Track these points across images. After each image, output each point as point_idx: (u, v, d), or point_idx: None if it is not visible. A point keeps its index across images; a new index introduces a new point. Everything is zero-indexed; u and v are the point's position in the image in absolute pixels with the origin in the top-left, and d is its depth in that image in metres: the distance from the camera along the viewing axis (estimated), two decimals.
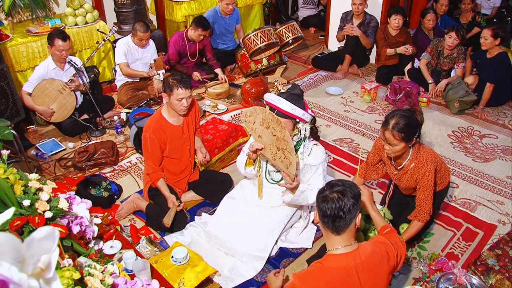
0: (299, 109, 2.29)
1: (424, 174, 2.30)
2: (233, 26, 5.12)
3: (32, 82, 3.62)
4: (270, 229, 2.52)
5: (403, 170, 2.40)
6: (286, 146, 2.15)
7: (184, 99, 2.60)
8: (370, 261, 1.63)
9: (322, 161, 2.42)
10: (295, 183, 2.26)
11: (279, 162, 2.25)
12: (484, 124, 4.08)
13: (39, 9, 4.17)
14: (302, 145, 2.42)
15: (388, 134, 2.21)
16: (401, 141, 2.20)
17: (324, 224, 1.64)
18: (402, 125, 2.17)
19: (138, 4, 4.87)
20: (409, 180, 2.40)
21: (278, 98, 2.29)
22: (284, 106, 2.27)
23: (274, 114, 2.20)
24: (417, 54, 4.76)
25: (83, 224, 1.62)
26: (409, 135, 2.21)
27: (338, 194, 1.60)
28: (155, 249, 2.56)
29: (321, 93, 4.70)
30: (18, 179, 1.55)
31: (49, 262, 0.81)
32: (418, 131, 2.27)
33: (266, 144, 2.29)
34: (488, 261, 2.43)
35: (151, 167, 2.79)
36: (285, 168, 2.24)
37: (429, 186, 2.31)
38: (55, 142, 3.72)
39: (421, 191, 2.35)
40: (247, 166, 2.51)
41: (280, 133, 2.15)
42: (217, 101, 4.46)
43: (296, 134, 2.37)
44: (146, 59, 4.35)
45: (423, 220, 2.36)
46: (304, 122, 2.35)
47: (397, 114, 2.21)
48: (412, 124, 2.21)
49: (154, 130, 2.71)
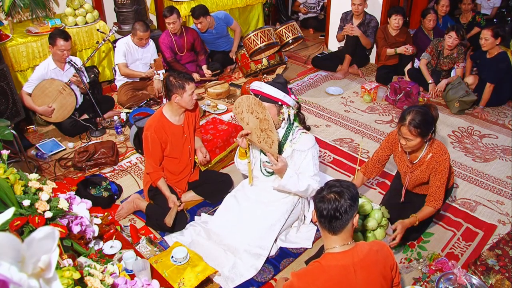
0: (279, 91, 2.36)
1: (442, 162, 2.38)
2: (223, 31, 5.06)
3: (32, 82, 3.63)
4: (271, 224, 2.53)
5: (420, 162, 2.46)
6: (268, 125, 2.26)
7: (194, 93, 2.68)
8: (367, 259, 1.64)
9: (310, 147, 2.44)
10: (280, 163, 2.32)
11: (264, 143, 2.34)
12: (484, 124, 4.08)
13: (39, 9, 4.18)
14: (291, 132, 2.47)
15: (405, 130, 2.27)
16: (418, 136, 2.27)
17: (321, 224, 1.65)
18: (418, 121, 2.23)
19: (138, 4, 4.87)
20: (424, 171, 2.46)
21: (260, 83, 2.40)
22: (265, 89, 2.36)
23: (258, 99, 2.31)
24: (417, 54, 4.76)
25: (83, 224, 1.61)
26: (425, 130, 2.28)
27: (336, 195, 1.61)
28: (155, 249, 2.56)
29: (321, 93, 4.70)
30: (18, 179, 1.55)
31: (49, 262, 0.81)
32: (433, 126, 2.35)
33: (252, 129, 2.39)
34: (488, 261, 2.43)
35: (151, 166, 2.79)
36: (269, 148, 2.32)
37: (445, 173, 2.39)
38: (55, 142, 3.72)
39: (436, 178, 2.41)
40: (240, 158, 2.59)
41: (262, 114, 2.27)
42: (217, 101, 4.47)
43: (281, 119, 2.43)
44: (146, 59, 4.36)
45: (437, 206, 2.44)
46: (287, 106, 2.40)
47: (413, 110, 2.27)
48: (428, 120, 2.28)
49: (155, 129, 2.71)
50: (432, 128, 2.33)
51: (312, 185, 2.41)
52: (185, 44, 4.58)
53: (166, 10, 4.36)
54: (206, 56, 4.87)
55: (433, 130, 2.35)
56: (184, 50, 4.61)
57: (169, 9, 4.36)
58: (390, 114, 4.27)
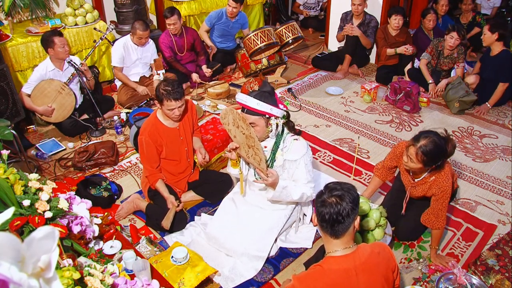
0: (266, 105, 2.28)
1: (444, 189, 2.34)
2: (237, 30, 5.13)
3: (31, 83, 3.63)
4: (269, 228, 2.52)
5: (422, 181, 2.43)
6: (254, 143, 2.20)
7: (176, 109, 2.59)
8: (369, 262, 1.63)
9: (302, 156, 2.39)
10: (270, 179, 2.28)
11: (252, 159, 2.29)
12: (484, 124, 4.08)
13: (39, 9, 4.18)
14: (282, 140, 2.43)
15: (412, 151, 2.23)
16: (421, 163, 2.23)
17: (323, 228, 1.63)
18: (428, 149, 2.18)
19: (138, 4, 4.87)
20: (425, 190, 2.43)
21: (246, 96, 2.30)
22: (250, 103, 2.28)
23: (243, 112, 2.26)
24: (417, 54, 4.75)
25: (83, 224, 1.62)
26: (430, 161, 2.23)
27: (337, 198, 1.59)
28: (155, 249, 2.56)
29: (321, 93, 4.70)
30: (18, 179, 1.55)
31: (49, 262, 0.81)
32: (441, 161, 2.28)
33: (240, 143, 2.34)
34: (488, 261, 2.43)
35: (148, 170, 2.79)
36: (257, 165, 2.27)
37: (447, 198, 2.37)
38: (55, 142, 3.72)
39: (439, 202, 2.38)
40: (232, 167, 2.54)
41: (247, 130, 2.21)
42: (217, 101, 4.47)
43: (270, 130, 2.38)
44: (146, 59, 4.35)
45: (442, 227, 2.44)
46: (275, 118, 2.35)
47: (430, 137, 2.21)
48: (438, 153, 2.21)
49: (149, 133, 2.70)
50: (439, 162, 2.27)
51: (306, 193, 2.39)
52: (185, 44, 4.58)
53: (167, 11, 4.36)
54: (206, 57, 4.88)
55: (438, 164, 2.29)
56: (184, 50, 4.61)
57: (170, 10, 4.37)
58: (390, 114, 4.27)
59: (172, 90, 2.52)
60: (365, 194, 2.74)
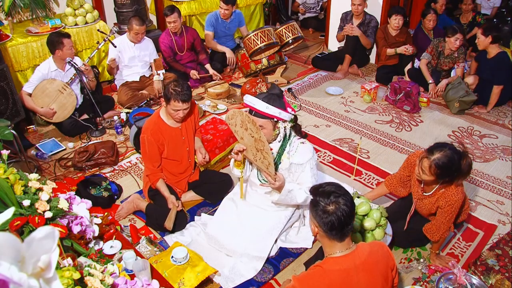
0: (275, 108, 2.27)
1: (452, 203, 2.29)
2: (234, 29, 5.12)
3: (33, 83, 3.63)
4: (269, 229, 2.52)
5: (431, 194, 2.40)
6: (263, 147, 2.17)
7: (181, 111, 2.61)
8: (369, 261, 1.64)
9: (308, 159, 2.39)
10: (277, 183, 2.26)
11: (260, 162, 2.26)
12: (484, 124, 4.08)
13: (39, 9, 4.18)
14: (288, 143, 2.42)
15: (426, 163, 2.20)
16: (433, 175, 2.20)
17: (332, 235, 1.62)
18: (442, 163, 2.14)
19: (138, 4, 4.87)
20: (432, 203, 2.39)
21: (254, 99, 2.29)
22: (259, 106, 2.27)
23: (252, 115, 2.22)
24: (417, 54, 4.75)
25: (83, 224, 1.62)
26: (443, 175, 2.19)
27: (336, 204, 1.60)
28: (155, 249, 2.56)
29: (321, 93, 4.70)
30: (18, 179, 1.55)
31: (49, 262, 0.81)
32: (454, 176, 2.22)
33: (247, 146, 2.30)
34: (488, 261, 2.43)
35: (149, 169, 2.79)
36: (265, 169, 2.25)
37: (452, 212, 2.32)
38: (55, 142, 3.72)
39: (443, 215, 2.33)
40: (235, 167, 2.53)
41: (257, 134, 2.17)
42: (217, 101, 4.47)
43: (277, 133, 2.37)
44: (145, 57, 4.35)
45: (440, 240, 2.44)
46: (283, 121, 2.34)
47: (445, 150, 2.17)
48: (451, 168, 2.16)
49: (152, 132, 2.71)
50: (452, 177, 2.22)
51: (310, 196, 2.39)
52: (185, 43, 4.58)
53: (167, 9, 4.37)
54: (207, 55, 4.87)
55: (451, 178, 2.23)
56: (184, 49, 4.61)
57: (170, 8, 4.38)
58: (390, 114, 4.27)
59: (181, 91, 2.55)
60: (368, 196, 2.73)
